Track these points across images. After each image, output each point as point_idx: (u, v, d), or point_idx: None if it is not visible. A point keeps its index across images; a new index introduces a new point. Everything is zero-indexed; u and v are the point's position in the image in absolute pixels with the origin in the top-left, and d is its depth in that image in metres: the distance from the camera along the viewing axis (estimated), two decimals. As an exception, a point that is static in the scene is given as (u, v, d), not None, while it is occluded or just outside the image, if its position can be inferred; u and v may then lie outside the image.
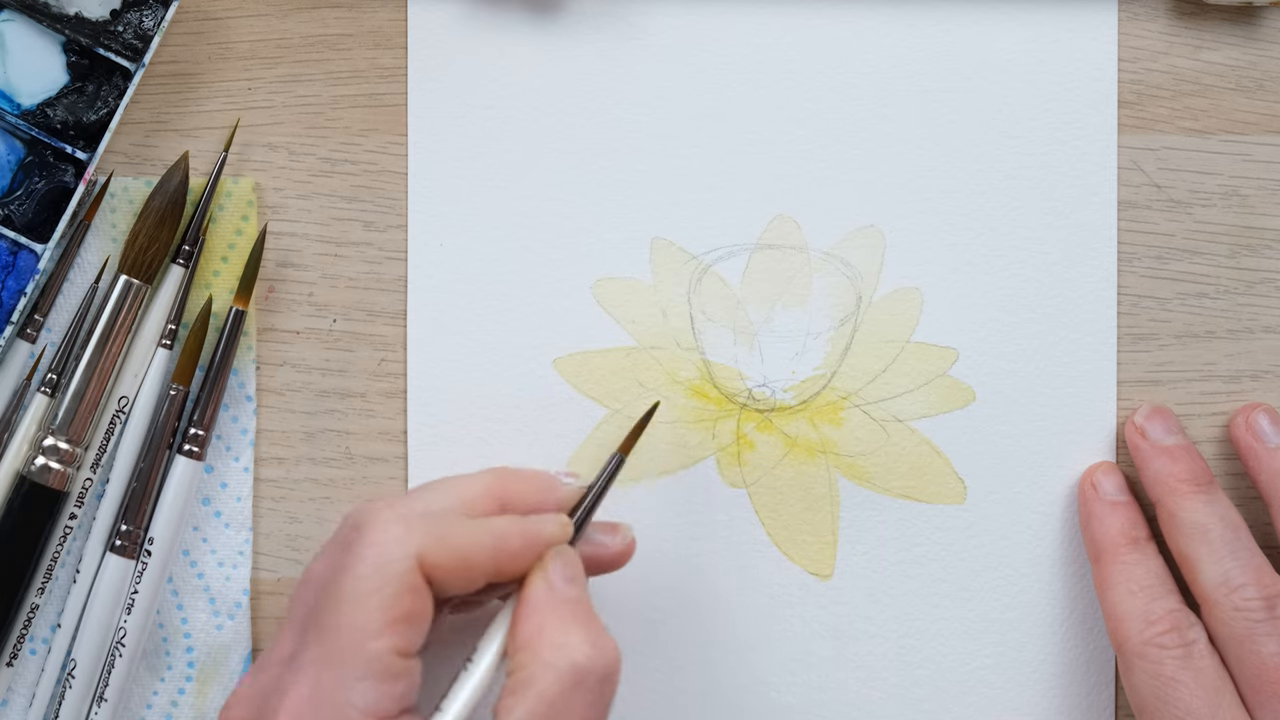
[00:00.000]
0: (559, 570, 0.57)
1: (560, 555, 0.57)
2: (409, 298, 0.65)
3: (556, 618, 0.56)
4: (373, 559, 0.55)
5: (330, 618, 0.55)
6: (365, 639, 0.54)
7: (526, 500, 0.58)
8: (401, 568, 0.55)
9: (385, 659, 0.54)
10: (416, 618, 0.55)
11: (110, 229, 0.65)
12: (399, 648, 0.54)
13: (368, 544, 0.55)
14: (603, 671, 0.55)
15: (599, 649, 0.55)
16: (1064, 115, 0.66)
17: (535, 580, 0.57)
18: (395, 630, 0.54)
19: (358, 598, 0.54)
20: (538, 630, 0.55)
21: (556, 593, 0.56)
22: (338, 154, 0.65)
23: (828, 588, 0.65)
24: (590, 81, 0.65)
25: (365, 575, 0.55)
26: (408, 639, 0.55)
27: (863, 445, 0.66)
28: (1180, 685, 0.61)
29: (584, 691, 0.54)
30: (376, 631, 0.54)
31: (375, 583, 0.54)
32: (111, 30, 0.63)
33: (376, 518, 0.56)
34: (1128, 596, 0.62)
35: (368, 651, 0.54)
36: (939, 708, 0.66)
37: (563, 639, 0.55)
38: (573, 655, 0.54)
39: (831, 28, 0.66)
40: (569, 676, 0.54)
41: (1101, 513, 0.64)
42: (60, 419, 0.63)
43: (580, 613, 0.56)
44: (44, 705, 0.64)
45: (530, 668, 0.55)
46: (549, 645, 0.55)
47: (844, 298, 0.66)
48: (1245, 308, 0.66)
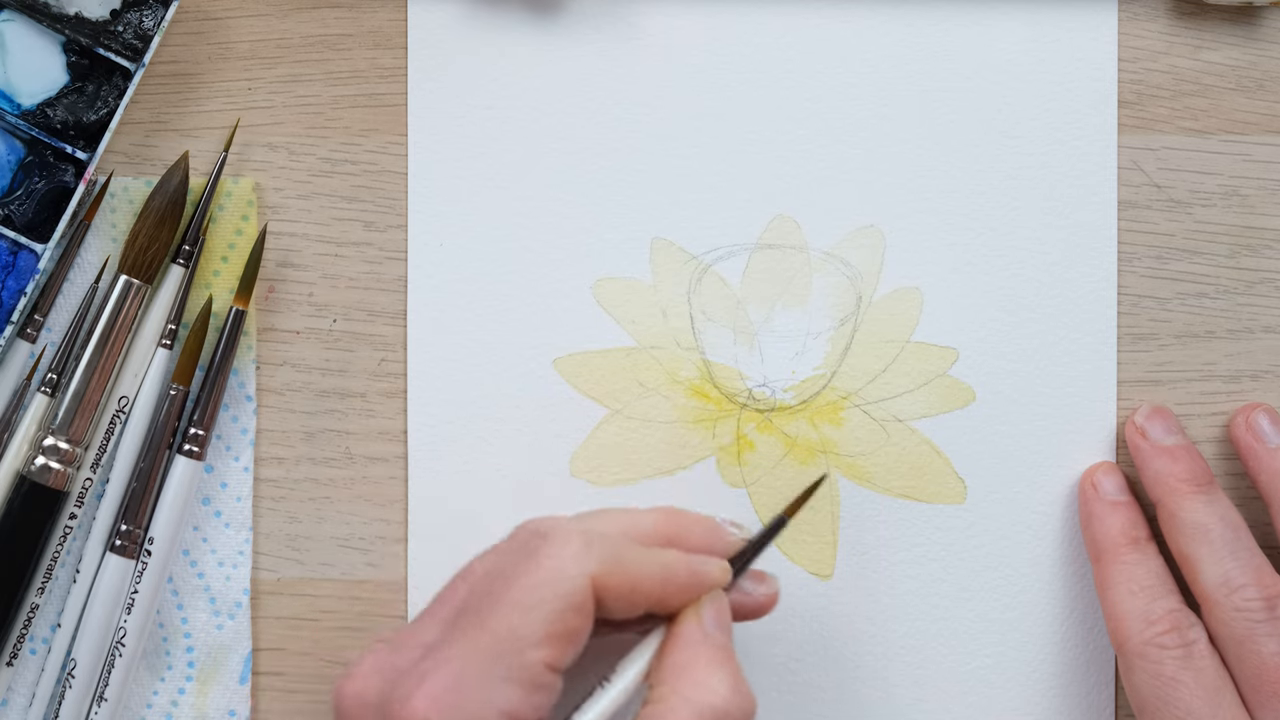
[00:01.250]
0: (712, 613, 0.58)
1: (715, 600, 0.58)
2: (409, 298, 0.65)
3: (704, 657, 0.57)
4: (550, 569, 0.56)
5: (492, 617, 0.55)
6: (524, 646, 0.55)
7: (692, 542, 0.60)
8: (576, 585, 0.56)
9: (536, 669, 0.55)
10: (576, 635, 0.56)
11: (110, 229, 0.65)
12: (552, 661, 0.55)
13: (548, 554, 0.56)
14: (739, 717, 0.56)
15: (740, 695, 0.56)
16: (1064, 115, 0.66)
17: (689, 618, 0.58)
18: (554, 643, 0.55)
19: (526, 605, 0.55)
20: (684, 666, 0.56)
21: (707, 634, 0.57)
22: (338, 154, 0.65)
23: (828, 588, 0.65)
24: (590, 81, 0.65)
25: (539, 584, 0.55)
26: (563, 654, 0.55)
27: (863, 445, 0.66)
28: (1180, 685, 0.61)
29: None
30: (536, 641, 0.55)
31: (546, 594, 0.55)
32: (111, 30, 0.63)
33: (560, 529, 0.57)
34: (1128, 596, 0.62)
35: (523, 658, 0.55)
36: (939, 708, 0.66)
37: (706, 679, 0.56)
38: (713, 697, 0.56)
39: (831, 28, 0.66)
40: (707, 716, 0.55)
41: (1102, 512, 0.64)
42: (60, 419, 0.63)
43: (725, 658, 0.57)
44: (44, 705, 0.64)
45: (670, 700, 0.55)
46: (692, 683, 0.56)
47: (844, 298, 0.66)
48: (1245, 308, 0.66)
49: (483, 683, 0.54)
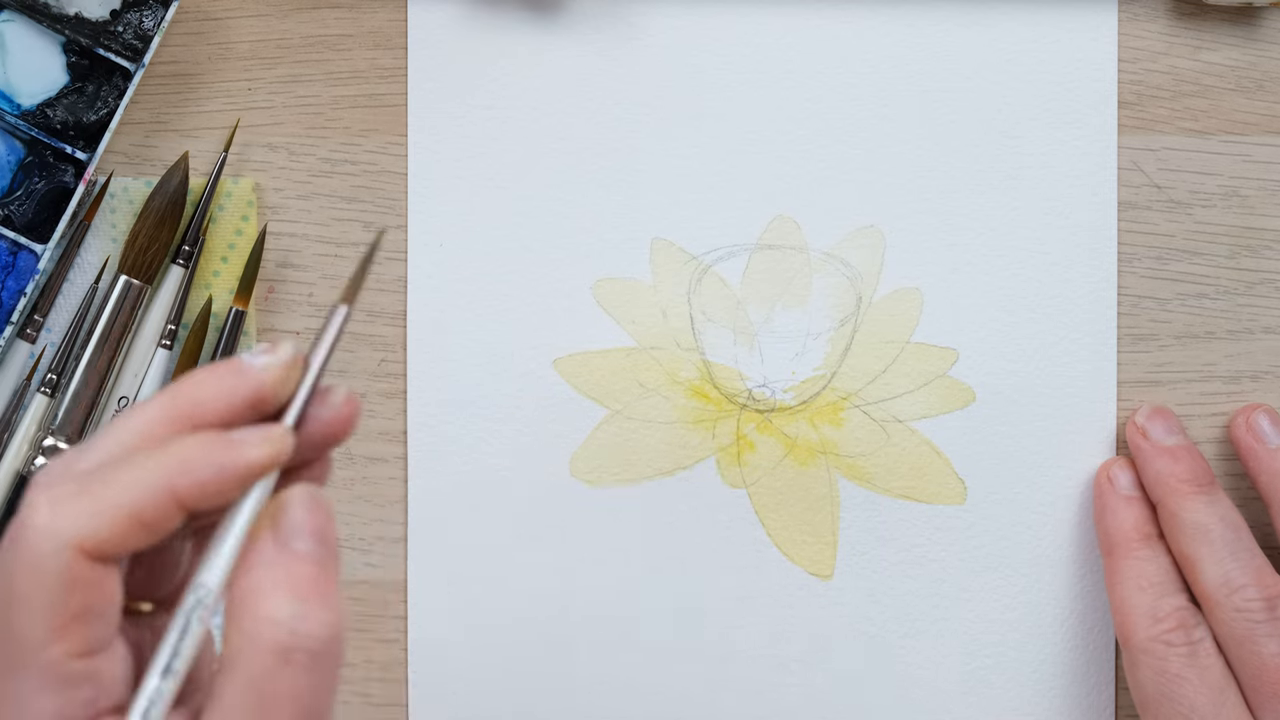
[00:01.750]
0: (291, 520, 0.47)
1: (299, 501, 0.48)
2: (409, 298, 0.65)
3: (272, 580, 0.46)
4: (25, 558, 0.46)
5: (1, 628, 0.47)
6: (34, 650, 0.46)
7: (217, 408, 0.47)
8: (56, 564, 0.46)
9: (62, 666, 0.46)
10: (92, 612, 0.46)
11: (110, 229, 0.65)
12: (75, 651, 0.46)
13: (18, 539, 0.46)
14: (312, 647, 0.46)
15: (309, 619, 0.46)
16: (1064, 115, 0.66)
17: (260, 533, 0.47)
18: (65, 635, 0.46)
19: (18, 604, 0.46)
20: (249, 595, 0.46)
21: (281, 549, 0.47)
22: (338, 154, 0.65)
23: (828, 588, 0.65)
24: (590, 81, 0.65)
25: (20, 577, 0.46)
26: (84, 639, 0.46)
27: (863, 446, 0.66)
28: (1185, 682, 0.61)
29: (293, 671, 0.46)
30: (42, 641, 0.46)
31: (30, 586, 0.46)
32: (111, 30, 0.63)
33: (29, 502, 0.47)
34: (1136, 592, 0.62)
35: (40, 662, 0.46)
36: (939, 708, 0.66)
37: (270, 608, 0.46)
38: (274, 631, 0.46)
39: (831, 28, 0.66)
40: (270, 654, 0.46)
41: (1117, 506, 0.64)
42: (60, 419, 0.63)
43: (301, 573, 0.47)
44: (44, 705, 0.64)
45: (234, 641, 0.46)
46: (252, 615, 0.46)
47: (844, 298, 0.66)
48: (1245, 308, 0.66)
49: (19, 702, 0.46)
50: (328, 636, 0.46)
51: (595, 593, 0.65)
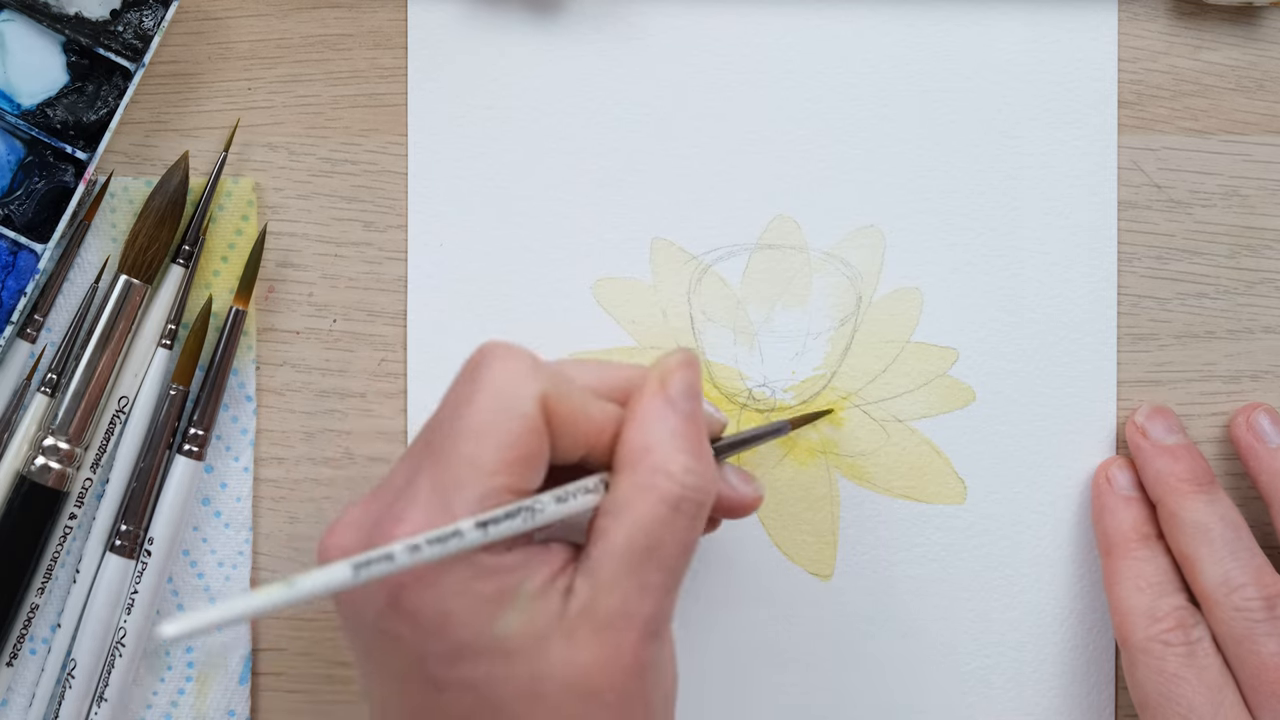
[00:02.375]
0: (680, 381, 0.55)
1: (683, 363, 0.56)
2: (409, 298, 0.65)
3: (663, 436, 0.54)
4: (495, 391, 0.53)
5: (448, 448, 0.53)
6: (482, 475, 0.52)
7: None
8: (526, 407, 0.53)
9: (500, 496, 0.52)
10: (534, 459, 0.53)
11: (110, 229, 0.65)
12: (514, 486, 0.53)
13: (492, 375, 0.53)
14: (698, 497, 0.53)
15: (696, 474, 0.53)
16: (1064, 115, 0.66)
17: (650, 389, 0.55)
18: (511, 469, 0.53)
19: (477, 431, 0.53)
20: (643, 448, 0.54)
21: (670, 406, 0.55)
22: (338, 154, 0.65)
23: (828, 588, 0.65)
24: (590, 81, 0.65)
25: (486, 408, 0.53)
26: (524, 478, 0.53)
27: (863, 445, 0.66)
28: (1183, 682, 0.61)
29: (680, 517, 0.53)
30: (493, 469, 0.52)
31: (496, 417, 0.53)
32: (111, 30, 0.63)
33: (502, 350, 0.54)
34: (1135, 592, 0.62)
35: (483, 486, 0.52)
36: (939, 708, 0.65)
37: (665, 462, 0.53)
38: (669, 484, 0.53)
39: (831, 28, 0.66)
40: (664, 503, 0.53)
41: (1115, 506, 0.64)
42: (60, 419, 0.63)
43: (688, 431, 0.54)
44: (44, 705, 0.64)
45: (626, 490, 0.53)
46: (648, 469, 0.53)
47: (844, 298, 0.66)
48: (1245, 308, 0.66)
49: (451, 518, 0.52)
50: (711, 490, 0.54)
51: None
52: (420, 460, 0.54)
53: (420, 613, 0.52)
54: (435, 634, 0.52)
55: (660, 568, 0.53)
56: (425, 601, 0.52)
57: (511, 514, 0.52)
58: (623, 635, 0.53)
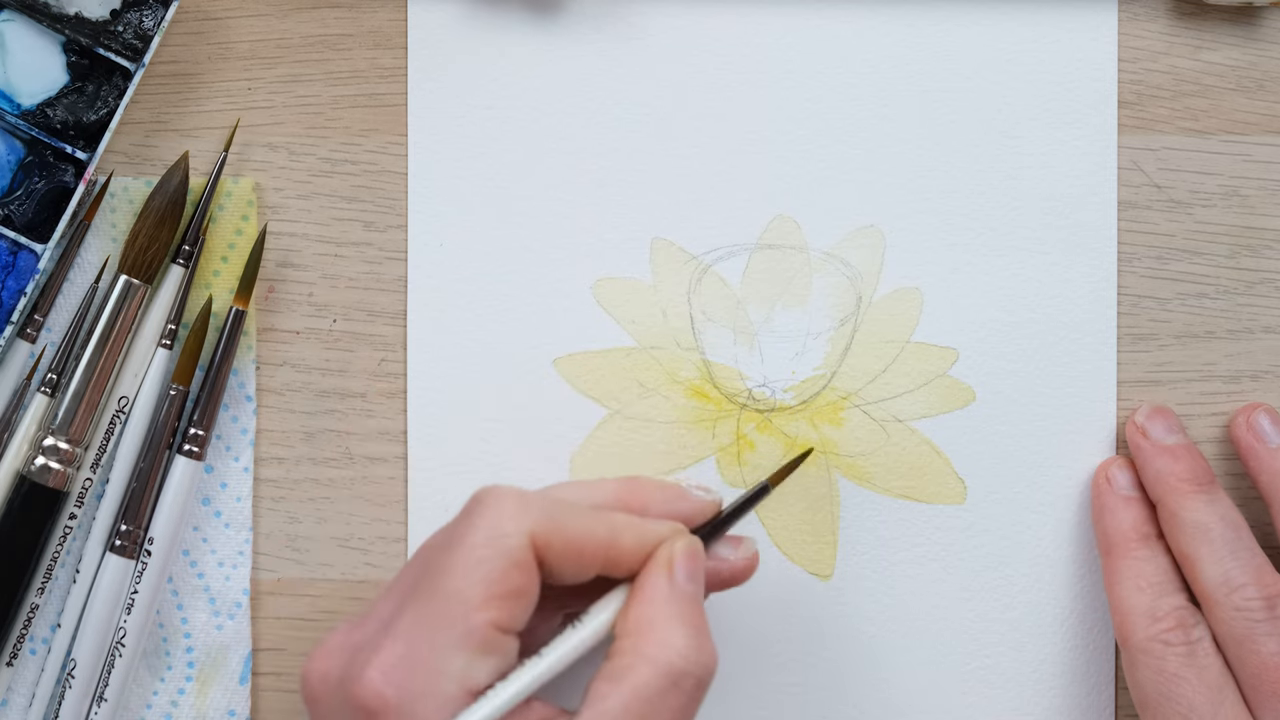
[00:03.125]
0: (683, 565, 0.57)
1: (687, 551, 0.57)
2: (409, 298, 0.65)
3: (668, 613, 0.56)
4: (486, 529, 0.55)
5: (436, 583, 0.54)
6: (468, 609, 0.54)
7: (652, 509, 0.59)
8: (513, 543, 0.55)
9: (484, 631, 0.54)
10: (522, 595, 0.55)
11: (110, 229, 0.65)
12: (500, 622, 0.54)
13: (483, 515, 0.55)
14: (699, 674, 0.55)
15: (701, 652, 0.55)
16: (1064, 115, 0.66)
17: (656, 568, 0.57)
18: (498, 604, 0.54)
19: (466, 567, 0.54)
20: (648, 623, 0.55)
21: (674, 588, 0.56)
22: (338, 154, 0.65)
23: (828, 588, 0.65)
24: (590, 81, 0.65)
25: (476, 544, 0.55)
26: (510, 614, 0.54)
27: (863, 445, 0.66)
28: (1183, 682, 0.61)
29: (678, 693, 0.54)
30: (480, 603, 0.54)
31: (485, 554, 0.54)
32: (111, 30, 0.63)
33: (496, 492, 0.56)
34: (1135, 592, 0.62)
35: (469, 621, 0.54)
36: (939, 708, 0.65)
37: (669, 637, 0.55)
38: (673, 655, 0.55)
39: (831, 28, 0.66)
40: (666, 676, 0.54)
41: (1115, 506, 0.64)
42: (60, 419, 0.63)
43: (692, 613, 0.56)
44: (44, 705, 0.64)
45: (629, 657, 0.55)
46: (655, 641, 0.55)
47: (844, 298, 0.66)
48: (1245, 308, 0.66)
49: (432, 651, 0.54)
50: (712, 669, 0.55)
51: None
52: (407, 594, 0.56)
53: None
54: None
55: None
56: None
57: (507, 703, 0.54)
58: None
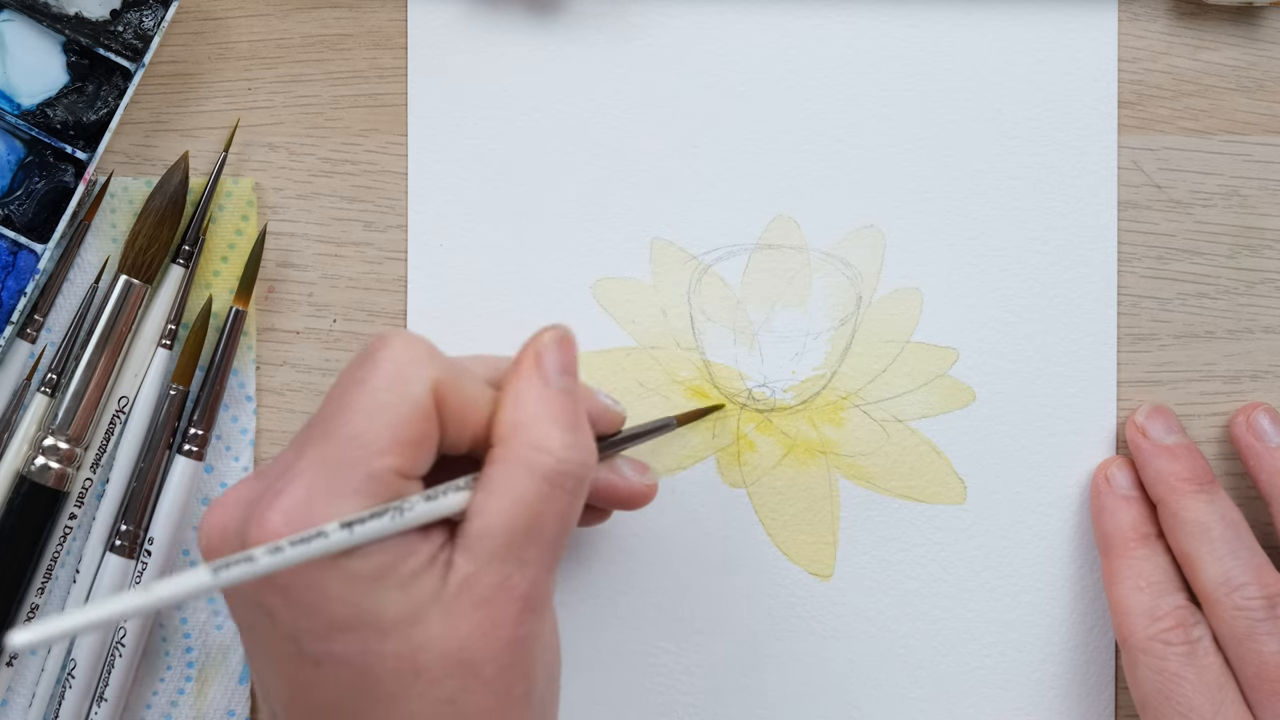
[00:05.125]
0: (554, 358, 0.55)
1: (557, 341, 0.55)
2: (409, 298, 0.65)
3: (541, 412, 0.53)
4: (390, 373, 0.53)
5: (338, 425, 0.52)
6: (370, 455, 0.52)
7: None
8: (418, 390, 0.52)
9: (386, 478, 0.52)
10: (423, 442, 0.53)
11: (110, 229, 0.65)
12: (401, 468, 0.52)
13: (388, 358, 0.53)
14: (580, 474, 0.53)
15: (577, 449, 0.53)
16: (1064, 115, 0.66)
17: (524, 365, 0.55)
18: (401, 450, 0.52)
19: (369, 411, 0.52)
20: (520, 425, 0.53)
21: (546, 382, 0.54)
22: (338, 154, 0.65)
23: (828, 588, 0.65)
24: (590, 81, 0.65)
25: (379, 387, 0.52)
26: (413, 461, 0.52)
27: (863, 445, 0.66)
28: (1184, 681, 0.61)
29: (560, 494, 0.53)
30: (383, 448, 0.52)
31: (388, 398, 0.52)
32: (111, 30, 0.63)
33: (404, 335, 0.54)
34: (1134, 592, 0.63)
35: (370, 466, 0.52)
36: (939, 708, 0.65)
37: (544, 439, 0.53)
38: (548, 459, 0.53)
39: (831, 28, 0.66)
40: (545, 480, 0.52)
41: (1114, 506, 0.64)
42: (60, 419, 0.63)
43: (566, 408, 0.54)
44: (44, 705, 0.64)
45: (506, 464, 0.53)
46: (526, 444, 0.53)
47: (844, 298, 0.66)
48: (1245, 308, 0.66)
49: (333, 494, 0.51)
50: (590, 464, 0.54)
51: (594, 592, 0.65)
52: (307, 439, 0.53)
53: (294, 588, 0.51)
54: (310, 610, 0.51)
55: (538, 543, 0.52)
56: (300, 578, 0.51)
57: (378, 514, 0.51)
58: (502, 610, 0.52)
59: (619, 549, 0.65)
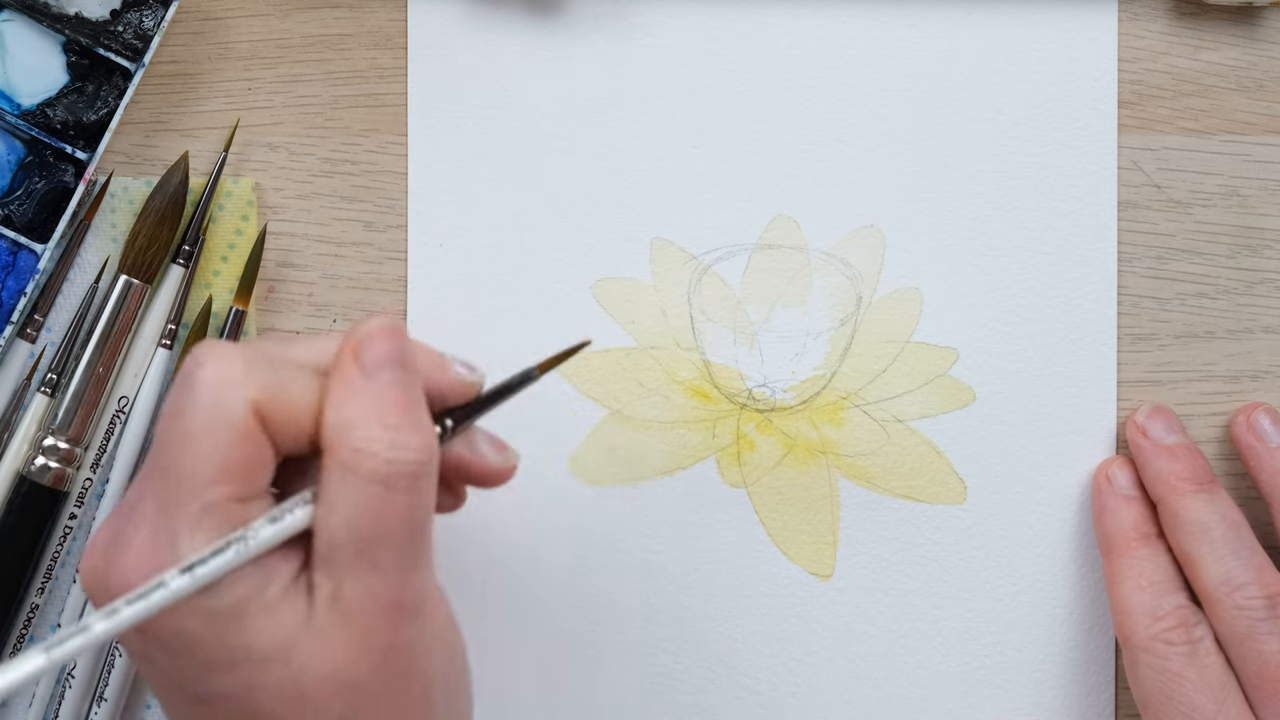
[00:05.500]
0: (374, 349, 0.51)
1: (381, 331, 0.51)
2: (409, 298, 0.65)
3: (362, 410, 0.50)
4: (206, 401, 0.50)
5: (166, 462, 0.50)
6: (199, 487, 0.49)
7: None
8: (235, 413, 0.50)
9: (222, 507, 0.50)
10: (254, 464, 0.50)
11: (110, 229, 0.65)
12: (237, 494, 0.50)
13: (203, 381, 0.50)
14: (414, 470, 0.50)
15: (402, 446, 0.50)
16: (1064, 115, 0.66)
17: (343, 363, 0.51)
18: (231, 478, 0.50)
19: (189, 442, 0.50)
20: (343, 428, 0.50)
21: (366, 376, 0.51)
22: (338, 154, 0.65)
23: (828, 588, 0.65)
24: (590, 81, 0.65)
25: (198, 417, 0.50)
26: (246, 484, 0.50)
27: (863, 445, 0.66)
28: (1185, 681, 0.61)
29: (398, 494, 0.50)
30: (211, 479, 0.50)
31: (207, 426, 0.50)
32: (111, 30, 0.63)
33: (215, 353, 0.51)
34: (1136, 591, 0.63)
35: (203, 500, 0.49)
36: (939, 708, 0.65)
37: (367, 440, 0.50)
38: (378, 461, 0.50)
39: (831, 28, 0.66)
40: (378, 481, 0.50)
41: (1115, 506, 0.64)
42: (60, 419, 0.63)
43: (391, 399, 0.50)
44: (44, 705, 0.64)
45: (336, 472, 0.50)
46: (348, 449, 0.50)
47: (844, 298, 0.66)
48: (1245, 308, 0.66)
49: (174, 533, 0.49)
50: (424, 459, 0.50)
51: (594, 592, 0.65)
52: (146, 477, 0.51)
53: (163, 636, 0.50)
54: (183, 653, 0.50)
55: (390, 547, 0.50)
56: (163, 625, 0.50)
57: (220, 550, 0.49)
58: (372, 621, 0.50)
59: (619, 548, 0.65)
